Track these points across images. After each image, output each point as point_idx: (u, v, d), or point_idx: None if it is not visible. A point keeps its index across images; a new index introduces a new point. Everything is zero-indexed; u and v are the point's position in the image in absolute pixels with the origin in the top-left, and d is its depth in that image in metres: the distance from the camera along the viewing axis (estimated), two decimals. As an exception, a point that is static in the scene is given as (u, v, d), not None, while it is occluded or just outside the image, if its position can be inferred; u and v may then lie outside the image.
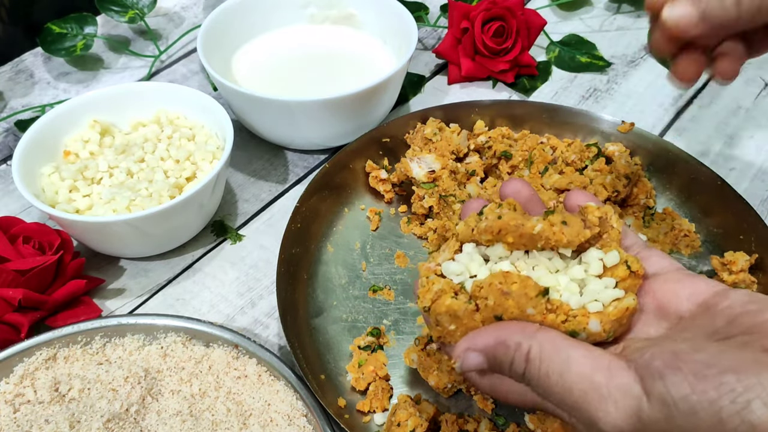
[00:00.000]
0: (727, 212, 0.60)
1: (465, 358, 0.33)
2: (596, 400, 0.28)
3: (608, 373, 0.28)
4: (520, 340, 0.31)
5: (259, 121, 0.68)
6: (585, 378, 0.29)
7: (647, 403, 0.27)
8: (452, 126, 0.67)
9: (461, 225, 0.37)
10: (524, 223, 0.34)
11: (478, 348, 0.32)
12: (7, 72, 0.81)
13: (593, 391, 0.28)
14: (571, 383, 0.29)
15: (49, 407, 0.47)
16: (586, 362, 0.29)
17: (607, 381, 0.28)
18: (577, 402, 0.29)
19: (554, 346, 0.30)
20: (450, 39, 0.79)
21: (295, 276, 0.57)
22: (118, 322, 0.51)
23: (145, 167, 0.61)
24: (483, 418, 0.49)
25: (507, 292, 0.32)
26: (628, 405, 0.27)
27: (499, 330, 0.32)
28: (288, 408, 0.47)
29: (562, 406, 0.30)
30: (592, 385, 0.28)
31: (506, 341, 0.31)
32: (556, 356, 0.30)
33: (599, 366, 0.29)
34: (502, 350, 0.32)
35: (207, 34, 0.69)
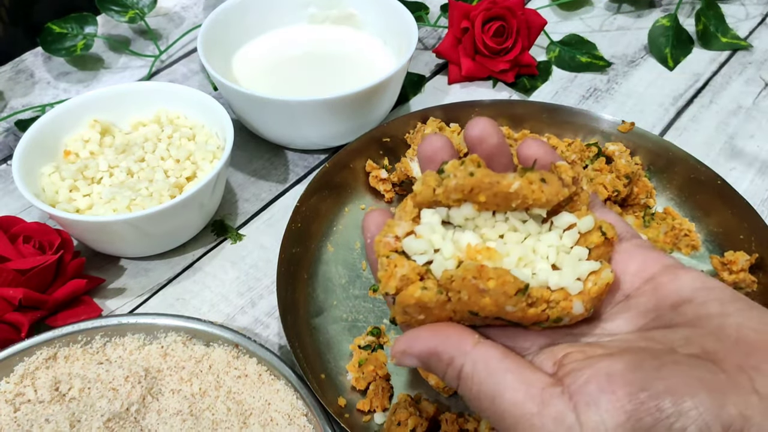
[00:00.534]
0: (727, 212, 0.60)
1: (401, 359, 0.32)
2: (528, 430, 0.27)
3: (541, 401, 0.27)
4: (454, 355, 0.30)
5: (259, 121, 0.68)
6: (517, 407, 0.27)
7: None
8: (452, 126, 0.67)
9: (419, 185, 0.32)
10: (500, 180, 0.31)
11: (414, 353, 0.31)
12: (8, 72, 0.81)
13: (525, 421, 0.27)
14: (503, 410, 0.28)
15: (49, 407, 0.47)
16: (519, 389, 0.28)
17: (539, 410, 0.27)
18: (509, 427, 0.28)
19: (487, 368, 0.29)
20: (450, 39, 0.79)
21: (296, 275, 0.57)
22: (119, 322, 0.51)
23: (146, 167, 0.61)
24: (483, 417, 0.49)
25: (484, 289, 0.30)
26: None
27: (437, 337, 0.31)
28: (288, 407, 0.47)
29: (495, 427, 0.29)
30: (524, 415, 0.27)
31: (440, 354, 0.30)
32: (488, 380, 0.29)
33: (532, 394, 0.28)
34: (435, 361, 0.30)
35: (207, 34, 0.69)
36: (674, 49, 0.83)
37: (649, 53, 0.85)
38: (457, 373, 0.30)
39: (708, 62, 0.83)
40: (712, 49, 0.85)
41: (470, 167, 0.32)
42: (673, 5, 0.92)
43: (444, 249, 0.32)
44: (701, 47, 0.85)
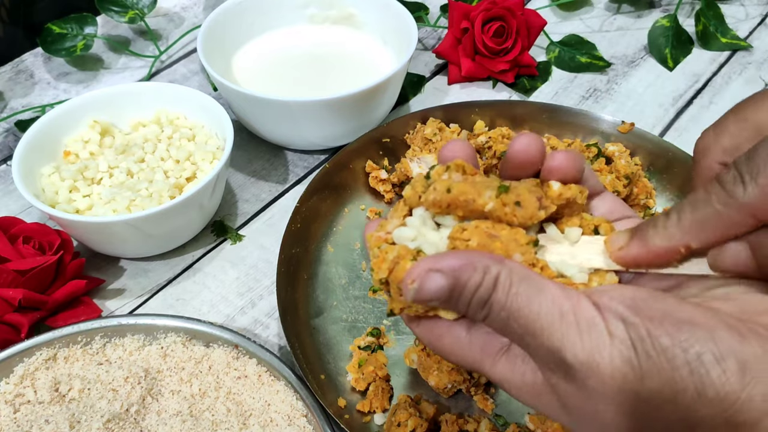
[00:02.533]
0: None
1: (425, 279, 0.29)
2: (564, 328, 0.27)
3: (577, 305, 0.28)
4: (489, 263, 0.29)
5: (259, 121, 0.68)
6: (555, 304, 0.28)
7: (609, 341, 0.26)
8: (452, 126, 0.67)
9: (408, 189, 0.33)
10: (475, 198, 0.31)
11: (443, 268, 0.29)
12: (8, 72, 0.81)
13: (562, 319, 0.27)
14: (539, 308, 0.28)
15: (49, 407, 0.47)
16: (557, 292, 0.28)
17: (576, 312, 0.27)
18: (543, 328, 0.27)
19: (524, 273, 0.29)
20: (450, 39, 0.79)
21: (295, 276, 0.57)
22: (118, 322, 0.51)
23: (145, 167, 0.61)
24: (483, 418, 0.49)
25: (495, 235, 0.30)
26: (594, 339, 0.27)
27: (466, 253, 0.29)
28: (288, 408, 0.48)
29: (526, 335, 0.28)
30: (561, 312, 0.27)
31: (475, 263, 0.29)
32: (527, 281, 0.29)
33: (569, 297, 0.28)
34: (470, 272, 0.29)
35: (207, 34, 0.69)
36: (674, 49, 0.83)
37: (648, 54, 0.85)
38: (493, 281, 0.29)
39: (708, 63, 0.83)
40: (711, 50, 0.85)
41: (454, 174, 0.32)
42: (673, 5, 0.92)
43: (434, 237, 0.32)
44: (701, 47, 0.85)
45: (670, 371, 0.25)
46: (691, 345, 0.25)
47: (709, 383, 0.25)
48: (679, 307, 0.27)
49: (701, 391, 0.25)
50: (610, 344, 0.26)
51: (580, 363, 0.27)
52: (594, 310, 0.27)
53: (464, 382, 0.50)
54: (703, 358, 0.25)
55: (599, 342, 0.26)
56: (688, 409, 0.25)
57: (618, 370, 0.26)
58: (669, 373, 0.25)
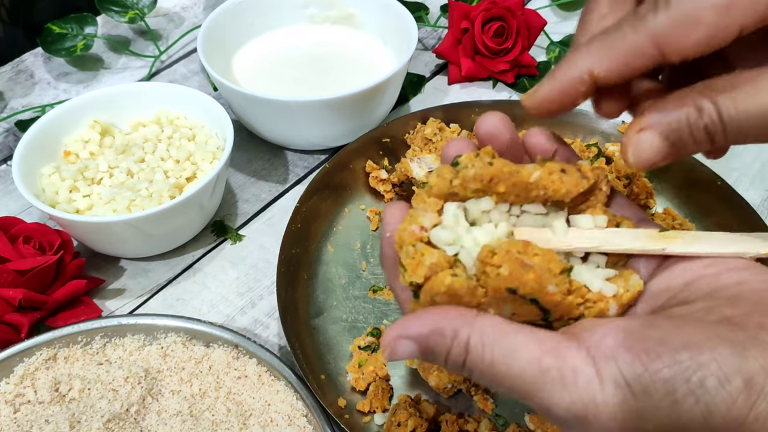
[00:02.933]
0: (727, 212, 0.60)
1: (395, 346, 0.29)
2: (548, 385, 0.26)
3: (558, 356, 0.26)
4: (458, 328, 0.28)
5: (259, 121, 0.68)
6: (534, 363, 0.26)
7: (599, 386, 0.25)
8: (452, 126, 0.67)
9: (434, 177, 0.32)
10: (519, 170, 0.30)
11: (411, 335, 0.28)
12: (8, 72, 0.81)
13: (544, 377, 0.26)
14: (519, 370, 0.26)
15: (49, 407, 0.47)
16: (533, 347, 0.27)
17: (558, 364, 0.26)
18: (529, 390, 0.27)
19: (497, 332, 0.28)
20: (450, 39, 0.79)
21: (295, 276, 0.57)
22: (118, 322, 0.51)
23: (146, 167, 0.61)
24: (483, 418, 0.49)
25: (528, 264, 0.28)
26: (582, 389, 0.25)
27: (434, 316, 0.29)
28: (288, 408, 0.48)
29: (512, 394, 0.28)
30: (542, 370, 0.26)
31: (442, 329, 0.28)
32: (499, 343, 0.27)
33: (547, 349, 0.27)
34: (438, 339, 0.28)
35: (207, 34, 0.69)
36: (674, 49, 0.83)
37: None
38: (464, 346, 0.28)
39: (708, 62, 0.83)
40: (712, 50, 0.85)
41: (486, 158, 0.31)
42: (673, 5, 0.92)
43: (466, 243, 0.31)
44: (701, 47, 0.85)
45: (674, 404, 0.24)
46: (693, 372, 0.24)
47: (716, 410, 0.24)
48: (674, 331, 0.26)
49: (708, 418, 0.24)
50: (601, 390, 0.25)
51: (574, 417, 0.26)
52: (580, 356, 0.26)
53: (464, 382, 0.50)
54: (707, 384, 0.24)
55: (589, 390, 0.25)
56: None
57: (615, 414, 0.25)
58: (674, 405, 0.24)
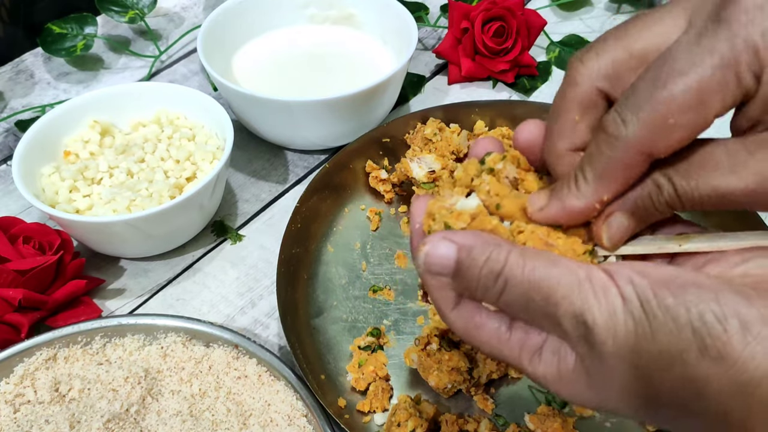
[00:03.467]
0: (727, 212, 0.60)
1: (436, 245, 0.30)
2: (583, 294, 0.27)
3: (591, 273, 0.28)
4: (501, 242, 0.30)
5: (259, 121, 0.68)
6: (572, 273, 0.28)
7: (622, 304, 0.27)
8: (452, 126, 0.67)
9: (459, 170, 0.33)
10: (521, 211, 0.32)
11: (456, 239, 0.30)
12: (8, 72, 0.81)
13: (580, 286, 0.28)
14: (559, 277, 0.28)
15: (49, 407, 0.47)
16: (570, 261, 0.29)
17: (589, 277, 0.28)
18: (564, 296, 0.28)
19: (536, 250, 0.30)
20: (450, 39, 0.79)
21: (295, 276, 0.57)
22: (118, 322, 0.51)
23: (146, 167, 0.61)
24: (483, 418, 0.49)
25: (552, 244, 0.30)
26: (610, 303, 0.27)
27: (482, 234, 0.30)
28: (288, 408, 0.48)
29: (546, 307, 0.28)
30: (579, 280, 0.28)
31: (486, 239, 0.30)
32: (539, 256, 0.29)
33: (582, 266, 0.29)
34: (480, 245, 0.29)
35: (207, 34, 0.69)
36: (674, 49, 0.83)
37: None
38: (505, 256, 0.29)
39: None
40: (712, 50, 0.85)
41: (509, 166, 0.32)
42: (673, 5, 0.92)
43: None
44: (701, 47, 0.85)
45: (675, 330, 0.26)
46: (694, 305, 0.25)
47: (711, 342, 0.25)
48: (685, 273, 0.27)
49: (703, 349, 0.25)
50: (623, 306, 0.27)
51: (599, 326, 0.27)
52: (606, 277, 0.28)
53: (464, 382, 0.50)
54: (706, 318, 0.25)
55: (614, 305, 0.27)
56: (693, 368, 0.26)
57: (631, 331, 0.26)
58: (674, 332, 0.26)
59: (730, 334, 0.25)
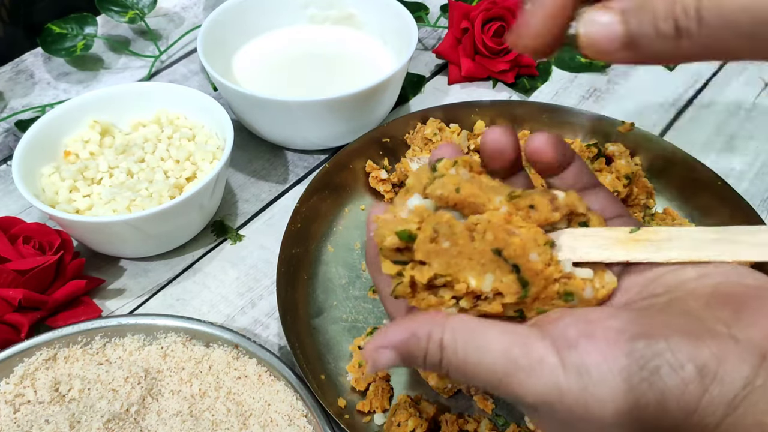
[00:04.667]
0: (727, 212, 0.60)
1: (377, 356, 0.30)
2: (517, 375, 0.27)
3: (525, 347, 0.28)
4: (431, 330, 0.30)
5: (259, 121, 0.68)
6: (504, 355, 0.28)
7: (563, 373, 0.26)
8: (452, 126, 0.67)
9: (411, 179, 0.32)
10: (485, 203, 0.31)
11: (389, 344, 0.30)
12: (8, 72, 0.81)
13: (514, 367, 0.27)
14: (491, 362, 0.28)
15: (49, 407, 0.47)
16: (503, 339, 0.28)
17: (525, 354, 0.27)
18: (500, 380, 0.28)
19: (468, 329, 0.29)
20: (450, 39, 0.79)
21: (296, 276, 0.57)
22: (118, 322, 0.51)
23: (146, 167, 0.61)
24: (483, 418, 0.49)
25: (513, 232, 0.30)
26: (547, 377, 0.27)
27: (409, 322, 0.30)
28: (288, 408, 0.48)
29: (487, 388, 0.29)
30: (511, 360, 0.27)
31: (417, 333, 0.30)
32: (471, 339, 0.29)
33: (516, 341, 0.28)
34: (414, 343, 0.30)
35: (207, 34, 0.69)
36: (674, 49, 0.83)
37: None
38: (438, 345, 0.29)
39: (708, 63, 0.83)
40: (712, 50, 0.85)
41: (461, 170, 0.32)
42: (673, 5, 0.92)
43: None
44: (701, 47, 0.85)
45: (630, 390, 0.25)
46: (647, 360, 0.25)
47: (670, 395, 0.25)
48: (633, 322, 0.27)
49: (662, 403, 0.25)
50: (565, 377, 0.26)
51: (542, 403, 0.27)
52: (545, 346, 0.27)
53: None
54: (661, 371, 0.25)
55: (554, 377, 0.27)
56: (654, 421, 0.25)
57: (578, 399, 0.26)
58: (629, 392, 0.25)
59: (687, 382, 0.25)
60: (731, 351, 0.25)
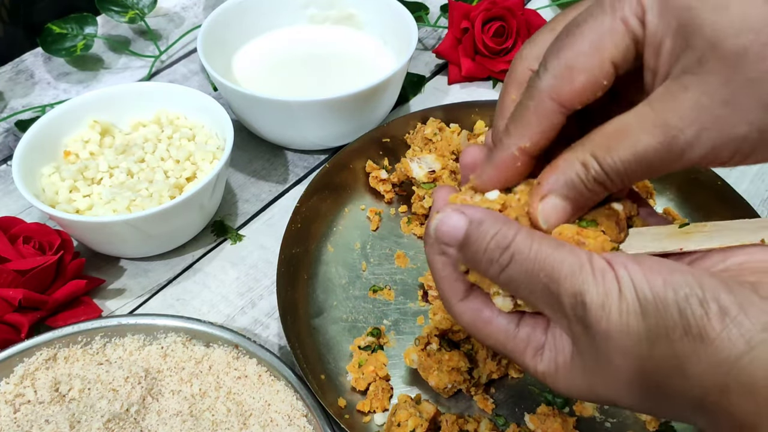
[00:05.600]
0: (727, 212, 0.60)
1: (448, 215, 0.32)
2: (584, 275, 0.29)
3: (590, 256, 0.30)
4: (509, 221, 0.31)
5: (259, 121, 0.68)
6: (575, 254, 0.30)
7: (617, 287, 0.28)
8: (452, 126, 0.67)
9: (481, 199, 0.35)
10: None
11: (467, 212, 0.32)
12: (8, 72, 0.81)
13: (581, 268, 0.29)
14: (563, 258, 0.30)
15: (49, 407, 0.47)
16: (572, 246, 0.30)
17: (590, 261, 0.29)
18: (566, 275, 0.29)
19: (542, 234, 0.31)
20: (450, 39, 0.79)
21: (296, 276, 0.57)
22: (118, 322, 0.51)
23: (146, 167, 0.61)
24: (483, 418, 0.49)
25: (582, 242, 0.31)
26: (607, 285, 0.29)
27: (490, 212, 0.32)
28: (288, 408, 0.48)
29: (548, 284, 0.30)
30: (580, 261, 0.29)
31: (497, 216, 0.32)
32: (545, 237, 0.31)
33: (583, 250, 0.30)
34: (491, 220, 0.31)
35: (207, 34, 0.69)
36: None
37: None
38: (513, 233, 0.31)
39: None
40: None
41: None
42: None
43: None
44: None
45: (663, 310, 0.27)
46: (680, 287, 0.27)
47: (693, 322, 0.27)
48: (674, 263, 0.29)
49: (687, 329, 0.27)
50: (618, 289, 0.28)
51: (596, 306, 0.28)
52: (605, 263, 0.29)
53: (464, 382, 0.50)
54: (690, 300, 0.27)
55: (610, 287, 0.28)
56: (676, 344, 0.27)
57: (624, 311, 0.28)
58: (661, 312, 0.27)
59: (710, 315, 0.27)
60: (753, 303, 0.27)
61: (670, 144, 0.29)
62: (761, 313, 0.26)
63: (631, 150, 0.30)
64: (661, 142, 0.29)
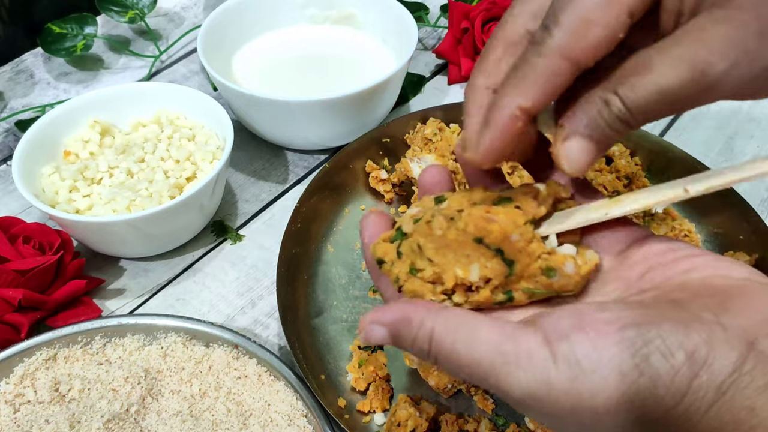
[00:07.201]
0: (727, 212, 0.60)
1: (369, 330, 0.31)
2: (506, 367, 0.27)
3: (515, 340, 0.28)
4: (424, 317, 0.30)
5: (259, 121, 0.68)
6: (492, 347, 0.28)
7: (554, 365, 0.27)
8: (452, 126, 0.67)
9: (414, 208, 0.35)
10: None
11: (384, 321, 0.31)
12: (8, 72, 0.81)
13: (501, 360, 0.27)
14: (480, 354, 0.28)
15: (49, 407, 0.47)
16: (492, 331, 0.28)
17: (514, 347, 0.28)
18: (488, 372, 0.28)
19: (460, 320, 0.29)
20: (450, 39, 0.79)
21: (295, 276, 0.57)
22: (118, 322, 0.51)
23: (146, 167, 0.61)
24: (483, 418, 0.49)
25: (492, 219, 0.31)
26: (537, 369, 0.27)
27: (404, 306, 0.31)
28: (288, 408, 0.48)
29: (474, 381, 0.29)
30: (500, 353, 0.28)
31: (410, 316, 0.30)
32: (462, 330, 0.29)
33: (505, 334, 0.28)
34: (405, 325, 0.30)
35: (207, 34, 0.69)
36: (674, 49, 0.83)
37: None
38: (428, 334, 0.30)
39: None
40: (712, 50, 0.85)
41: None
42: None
43: None
44: (701, 47, 0.85)
45: (621, 378, 0.25)
46: (638, 348, 0.26)
47: (660, 382, 0.25)
48: (623, 312, 0.27)
49: (653, 390, 0.25)
50: (555, 368, 0.27)
51: (530, 396, 0.27)
52: (536, 339, 0.27)
53: (464, 382, 0.50)
54: (651, 359, 0.25)
55: (544, 369, 0.27)
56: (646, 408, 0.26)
57: (568, 390, 0.26)
58: (620, 380, 0.25)
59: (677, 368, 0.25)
60: (720, 338, 0.25)
61: (698, 78, 0.27)
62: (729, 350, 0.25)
63: (655, 86, 0.27)
64: (688, 76, 0.27)
